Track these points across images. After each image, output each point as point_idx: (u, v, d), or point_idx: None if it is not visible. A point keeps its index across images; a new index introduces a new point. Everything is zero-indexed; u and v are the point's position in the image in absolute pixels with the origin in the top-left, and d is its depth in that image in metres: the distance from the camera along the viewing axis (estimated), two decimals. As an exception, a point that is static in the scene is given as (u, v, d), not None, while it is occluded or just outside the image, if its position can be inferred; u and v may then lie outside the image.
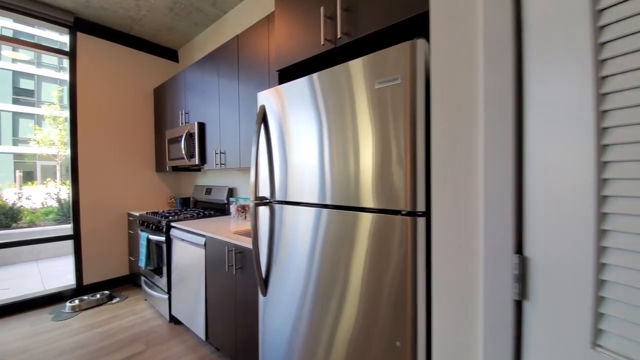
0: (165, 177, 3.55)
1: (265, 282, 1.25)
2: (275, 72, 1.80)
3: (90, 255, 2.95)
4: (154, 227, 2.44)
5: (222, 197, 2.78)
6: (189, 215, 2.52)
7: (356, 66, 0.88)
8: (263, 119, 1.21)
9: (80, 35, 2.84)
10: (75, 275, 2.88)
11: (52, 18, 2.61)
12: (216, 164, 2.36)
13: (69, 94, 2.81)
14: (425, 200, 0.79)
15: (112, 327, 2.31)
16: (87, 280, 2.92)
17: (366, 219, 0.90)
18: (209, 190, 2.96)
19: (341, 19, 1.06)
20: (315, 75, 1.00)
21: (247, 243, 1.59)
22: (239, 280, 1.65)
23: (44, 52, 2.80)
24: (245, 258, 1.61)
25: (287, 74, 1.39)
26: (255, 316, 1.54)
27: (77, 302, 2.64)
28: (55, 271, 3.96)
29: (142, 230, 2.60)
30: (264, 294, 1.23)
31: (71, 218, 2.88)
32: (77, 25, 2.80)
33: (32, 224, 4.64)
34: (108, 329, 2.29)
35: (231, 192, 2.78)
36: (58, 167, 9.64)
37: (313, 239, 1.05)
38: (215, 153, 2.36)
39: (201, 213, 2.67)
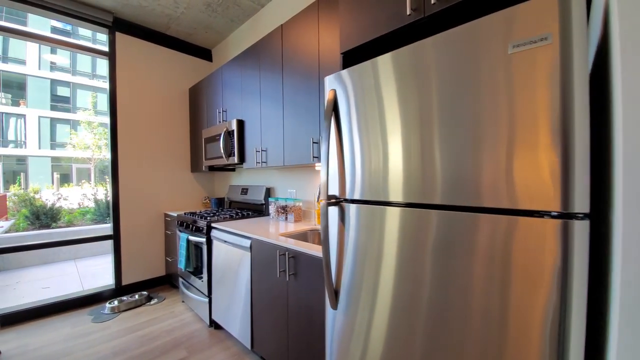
0: (200, 177, 3.51)
1: (335, 293, 1.09)
2: (327, 62, 1.67)
3: (129, 256, 2.93)
4: (194, 227, 2.36)
5: (259, 197, 2.68)
6: (227, 216, 2.42)
7: (475, 28, 0.71)
8: (334, 107, 1.06)
9: (118, 36, 2.84)
10: (114, 276, 2.86)
11: (92, 18, 2.62)
12: (257, 163, 2.24)
13: (109, 95, 2.81)
14: (589, 199, 0.60)
15: (152, 330, 2.25)
16: (125, 281, 2.91)
17: (487, 221, 0.72)
18: (245, 190, 2.86)
19: (435, -17, 0.89)
20: (414, 46, 0.84)
21: (301, 247, 1.45)
22: (292, 288, 1.50)
23: (84, 53, 2.82)
24: (299, 263, 1.46)
25: (352, 58, 1.24)
26: (312, 328, 1.39)
27: (116, 303, 2.62)
28: (93, 270, 4.03)
29: (181, 231, 2.54)
30: (335, 306, 1.07)
31: (111, 218, 2.87)
32: (116, 24, 2.80)
33: (70, 224, 4.79)
34: (148, 332, 2.22)
35: (268, 192, 2.67)
36: (92, 170, 10.05)
37: (408, 245, 0.88)
38: (257, 151, 2.24)
39: (239, 213, 2.58)
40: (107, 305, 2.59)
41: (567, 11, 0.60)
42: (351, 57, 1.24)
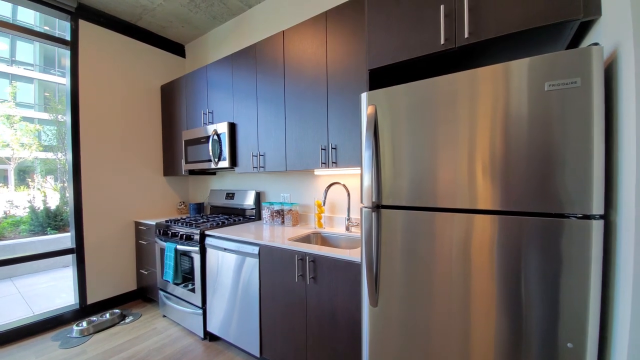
0: (173, 181, 3.28)
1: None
2: (335, 73, 1.74)
3: (95, 270, 2.62)
4: (184, 236, 2.22)
5: (247, 201, 2.63)
6: (219, 222, 2.34)
7: (519, 67, 0.87)
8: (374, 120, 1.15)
9: (82, 24, 2.52)
10: (77, 294, 2.54)
11: (54, 2, 2.29)
12: (253, 167, 2.22)
13: (70, 89, 2.48)
14: (603, 204, 0.79)
15: (138, 350, 2.07)
16: (91, 299, 2.59)
17: (517, 222, 0.88)
18: (230, 195, 2.78)
19: (468, 19, 1.04)
20: (459, 75, 0.97)
21: (323, 251, 1.51)
22: (312, 291, 1.55)
23: (41, 41, 2.43)
24: (319, 267, 1.52)
25: (378, 75, 1.34)
26: (336, 327, 1.46)
27: (85, 324, 2.33)
28: (37, 290, 3.46)
29: (165, 240, 2.36)
30: (375, 304, 1.16)
31: (73, 229, 2.53)
32: (80, 11, 2.48)
33: (0, 237, 4.00)
34: (134, 353, 2.04)
35: (259, 196, 2.64)
36: (11, 172, 8.49)
37: (444, 246, 1.01)
38: (253, 155, 2.21)
39: (230, 219, 2.50)
40: (75, 327, 2.30)
41: (591, 63, 0.79)
42: (378, 75, 1.34)
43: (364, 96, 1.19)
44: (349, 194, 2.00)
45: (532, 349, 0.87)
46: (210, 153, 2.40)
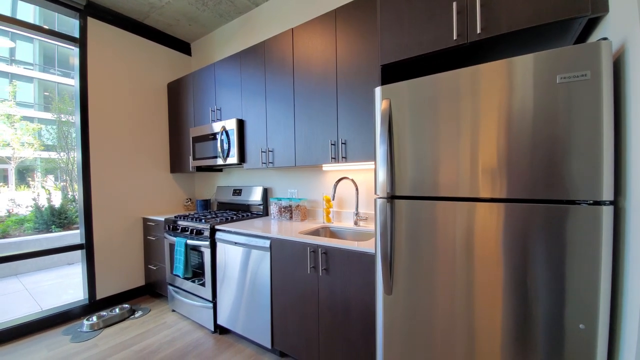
0: (179, 178, 3.31)
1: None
2: (345, 70, 1.78)
3: (104, 266, 2.65)
4: (194, 231, 2.25)
5: (255, 197, 2.66)
6: (228, 218, 2.37)
7: (532, 60, 0.91)
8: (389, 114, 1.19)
9: (90, 21, 2.54)
10: (88, 289, 2.56)
11: (63, -1, 2.31)
12: (262, 163, 2.25)
13: (79, 87, 2.50)
14: (613, 190, 0.83)
15: (150, 343, 2.10)
16: (100, 294, 2.62)
17: (526, 210, 0.92)
18: (238, 191, 2.81)
19: (480, 15, 1.08)
20: (471, 69, 1.01)
21: (336, 243, 1.54)
22: (325, 282, 1.59)
23: (51, 38, 2.45)
24: (331, 258, 1.56)
25: (390, 71, 1.38)
26: (349, 316, 1.50)
27: (95, 319, 2.36)
28: (45, 287, 3.48)
29: (175, 236, 2.40)
30: (390, 292, 1.20)
31: (82, 225, 2.56)
32: (89, 9, 2.51)
33: (6, 235, 4.01)
34: (145, 346, 2.07)
35: (266, 192, 2.67)
36: (12, 171, 8.47)
37: (458, 235, 1.05)
38: (262, 151, 2.25)
39: (238, 215, 2.53)
40: (85, 322, 2.32)
41: (600, 57, 0.83)
42: (388, 70, 1.38)
43: (378, 90, 1.22)
44: (357, 189, 2.03)
45: (545, 329, 0.91)
46: (219, 149, 2.44)
